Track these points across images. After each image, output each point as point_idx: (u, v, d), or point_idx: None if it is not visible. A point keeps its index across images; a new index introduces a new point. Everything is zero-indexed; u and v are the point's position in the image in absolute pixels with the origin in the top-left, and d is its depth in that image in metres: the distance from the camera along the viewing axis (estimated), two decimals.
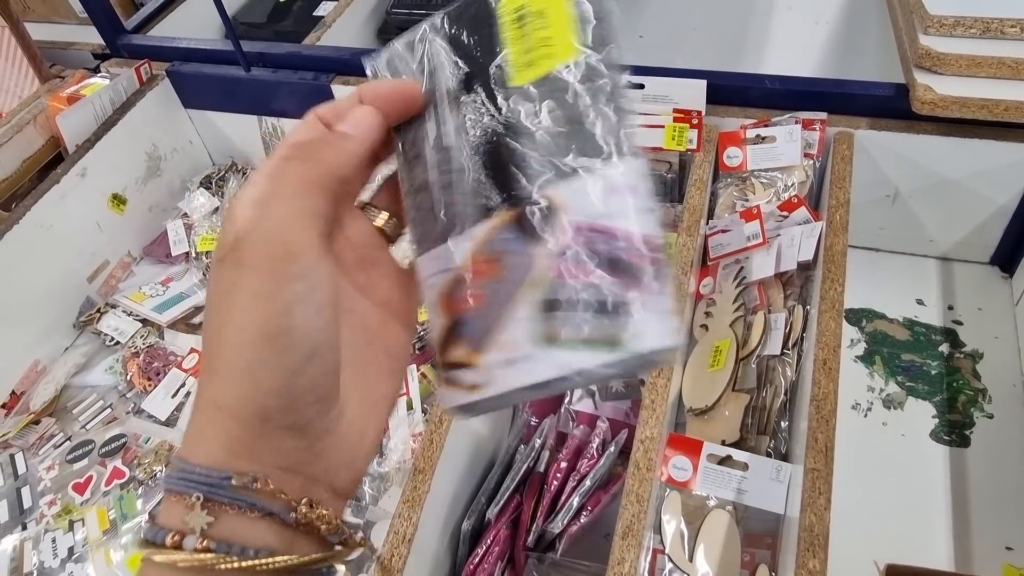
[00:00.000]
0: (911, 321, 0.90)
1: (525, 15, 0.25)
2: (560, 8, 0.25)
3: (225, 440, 0.24)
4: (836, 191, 0.80)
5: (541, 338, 0.24)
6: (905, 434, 0.81)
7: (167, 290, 1.05)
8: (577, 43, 0.24)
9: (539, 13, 0.25)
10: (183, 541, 0.23)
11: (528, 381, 0.24)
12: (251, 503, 0.24)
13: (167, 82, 1.15)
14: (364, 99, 0.28)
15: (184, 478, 0.24)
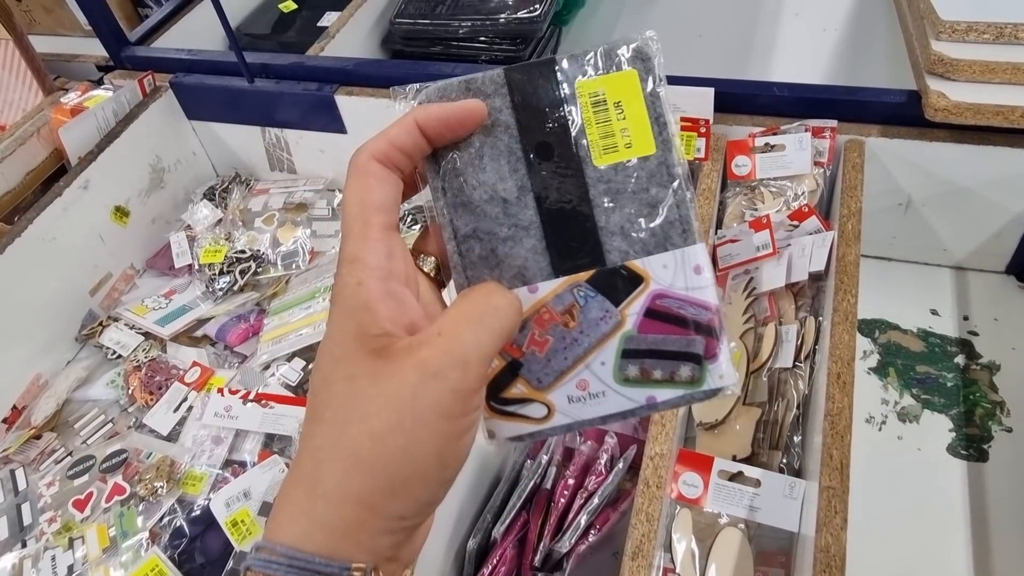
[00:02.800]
0: (925, 332, 0.88)
1: (602, 101, 0.29)
2: (639, 105, 0.28)
3: (356, 534, 0.25)
4: (848, 200, 0.78)
5: (618, 379, 0.29)
6: (921, 448, 0.79)
7: (170, 303, 1.04)
8: (655, 141, 0.29)
9: (617, 104, 0.29)
10: None
11: (599, 413, 0.29)
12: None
13: (170, 93, 1.15)
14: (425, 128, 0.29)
15: (302, 567, 0.24)
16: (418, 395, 0.25)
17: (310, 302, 0.95)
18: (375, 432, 0.25)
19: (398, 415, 0.25)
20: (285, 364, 0.91)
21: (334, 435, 0.25)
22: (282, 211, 1.12)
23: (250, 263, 1.05)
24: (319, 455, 0.26)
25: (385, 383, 0.25)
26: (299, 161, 1.19)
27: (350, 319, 0.26)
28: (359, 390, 0.25)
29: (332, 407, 0.26)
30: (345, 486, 0.25)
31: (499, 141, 0.29)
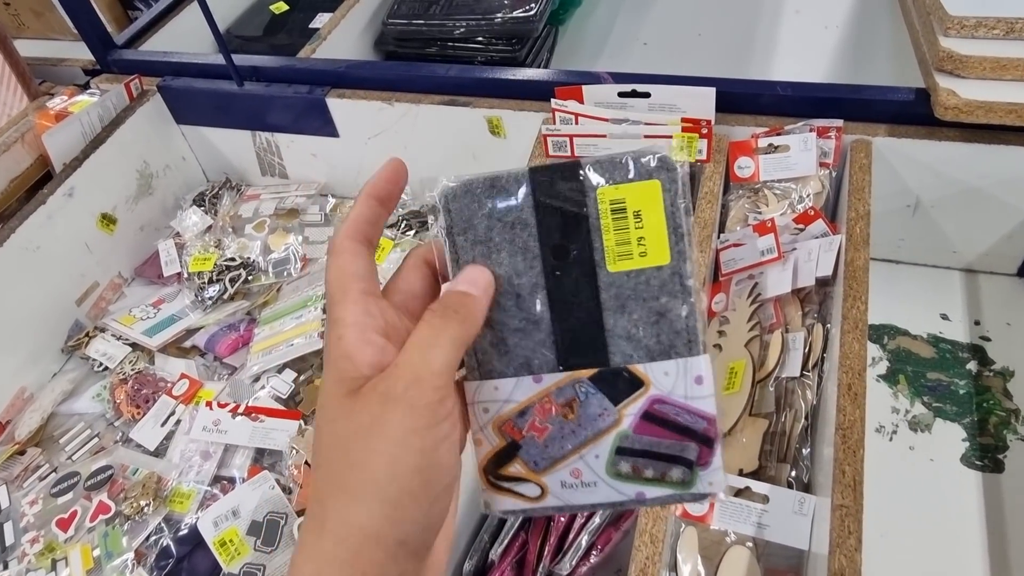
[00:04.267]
0: (936, 337, 0.85)
1: (622, 209, 0.29)
2: (659, 215, 0.29)
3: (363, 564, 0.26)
4: (855, 203, 0.75)
5: (610, 472, 0.31)
6: (934, 459, 0.76)
7: (158, 312, 1.02)
8: (670, 252, 0.29)
9: (636, 213, 0.29)
10: None
11: (589, 501, 0.31)
12: None
13: (158, 97, 1.12)
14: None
15: None
16: (384, 419, 0.27)
17: (301, 311, 0.93)
18: (357, 463, 0.27)
19: (372, 441, 0.27)
20: (276, 376, 0.88)
21: (328, 475, 0.28)
22: (273, 217, 1.10)
23: (240, 271, 1.02)
24: (320, 496, 0.28)
25: (357, 417, 0.27)
26: (291, 165, 1.16)
27: (333, 370, 0.28)
28: (338, 430, 0.28)
29: (322, 451, 0.28)
30: (346, 519, 0.27)
31: (518, 238, 0.30)
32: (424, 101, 0.98)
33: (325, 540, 0.27)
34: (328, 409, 0.28)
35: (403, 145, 1.05)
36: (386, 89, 1.01)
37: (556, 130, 0.85)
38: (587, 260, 0.30)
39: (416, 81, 0.99)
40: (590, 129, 0.84)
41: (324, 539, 0.27)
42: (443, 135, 1.01)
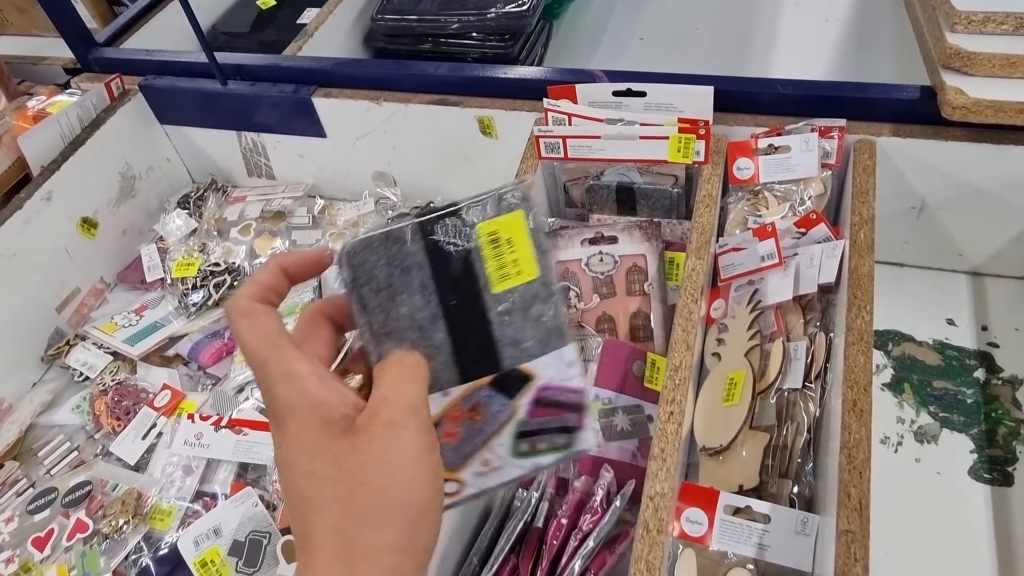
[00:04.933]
0: (942, 344, 0.82)
1: (497, 239, 0.34)
2: (525, 239, 0.34)
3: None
4: (859, 206, 0.72)
5: (514, 453, 0.36)
6: (941, 472, 0.73)
7: (141, 319, 0.99)
8: (537, 267, 0.35)
9: (508, 240, 0.34)
10: None
11: (499, 481, 0.36)
12: None
13: (140, 97, 1.09)
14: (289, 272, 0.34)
15: None
16: (397, 444, 0.30)
17: (288, 318, 0.90)
18: (380, 488, 0.30)
19: (390, 467, 0.30)
20: None
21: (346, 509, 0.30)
22: (259, 220, 1.06)
23: (225, 276, 0.99)
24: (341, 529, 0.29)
25: (366, 449, 0.30)
26: (278, 166, 1.13)
27: (312, 417, 0.30)
28: (346, 466, 0.30)
29: (329, 488, 0.30)
30: (376, 542, 0.29)
31: (414, 279, 0.34)
32: (413, 100, 0.95)
33: (359, 566, 0.29)
34: (321, 452, 0.30)
35: (391, 145, 1.02)
36: (374, 88, 0.98)
37: (549, 131, 0.82)
38: (474, 287, 0.35)
39: (405, 80, 0.96)
40: (584, 130, 0.81)
41: (357, 565, 0.29)
42: (433, 135, 0.98)
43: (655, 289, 0.80)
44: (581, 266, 0.82)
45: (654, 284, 0.80)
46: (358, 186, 1.09)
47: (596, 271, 0.81)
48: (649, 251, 0.81)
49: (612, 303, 0.80)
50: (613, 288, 0.81)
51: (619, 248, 0.81)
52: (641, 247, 0.81)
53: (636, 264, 0.81)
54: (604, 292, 0.81)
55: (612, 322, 0.80)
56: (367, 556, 0.29)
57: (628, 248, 0.81)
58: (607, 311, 0.80)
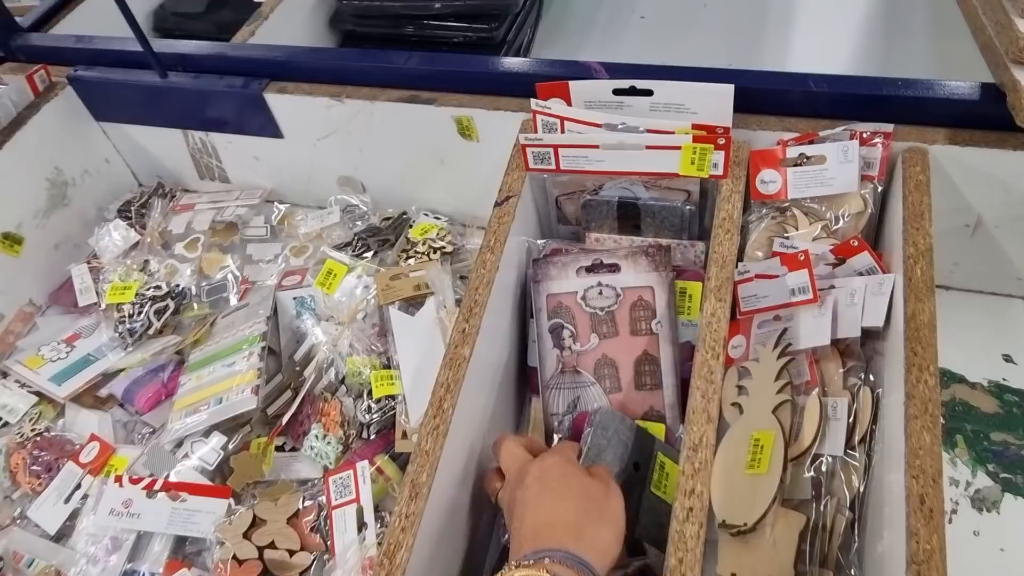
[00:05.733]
0: (999, 386, 0.70)
1: (662, 466, 0.62)
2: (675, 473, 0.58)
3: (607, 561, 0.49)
4: (913, 234, 0.60)
5: None
6: (1005, 548, 0.62)
7: (72, 351, 0.86)
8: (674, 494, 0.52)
9: (662, 466, 0.62)
10: None
11: None
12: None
13: (70, 91, 0.95)
14: None
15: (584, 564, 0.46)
16: (610, 495, 0.53)
17: (234, 356, 0.77)
18: (603, 513, 0.51)
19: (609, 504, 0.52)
20: (201, 440, 0.73)
21: (585, 511, 0.50)
22: (208, 233, 0.93)
23: (167, 302, 0.86)
24: (579, 523, 0.49)
25: (597, 487, 0.53)
26: (231, 169, 0.99)
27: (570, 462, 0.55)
28: (588, 485, 0.53)
29: (575, 489, 0.52)
30: (599, 537, 0.49)
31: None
32: (380, 97, 0.82)
33: (586, 542, 0.48)
34: (576, 476, 0.53)
35: (358, 148, 0.88)
36: (335, 82, 0.84)
37: (538, 139, 0.68)
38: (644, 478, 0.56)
39: (370, 72, 0.82)
40: (579, 138, 0.68)
41: (585, 542, 0.48)
42: (405, 137, 0.85)
43: (664, 328, 0.67)
44: (577, 300, 0.69)
45: (663, 322, 0.67)
46: (322, 192, 0.96)
47: (595, 307, 0.68)
48: (657, 283, 0.68)
49: (614, 344, 0.68)
50: (615, 327, 0.68)
51: (622, 279, 0.68)
52: (648, 278, 0.68)
53: (642, 298, 0.68)
54: (604, 331, 0.68)
55: (613, 366, 0.68)
56: (591, 539, 0.48)
57: (632, 279, 0.68)
58: (608, 353, 0.68)
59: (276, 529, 0.66)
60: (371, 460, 0.69)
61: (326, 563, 0.65)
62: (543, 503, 0.50)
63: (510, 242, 0.68)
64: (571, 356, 0.68)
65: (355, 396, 0.75)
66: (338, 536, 0.65)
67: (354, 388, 0.75)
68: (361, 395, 0.74)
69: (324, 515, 0.67)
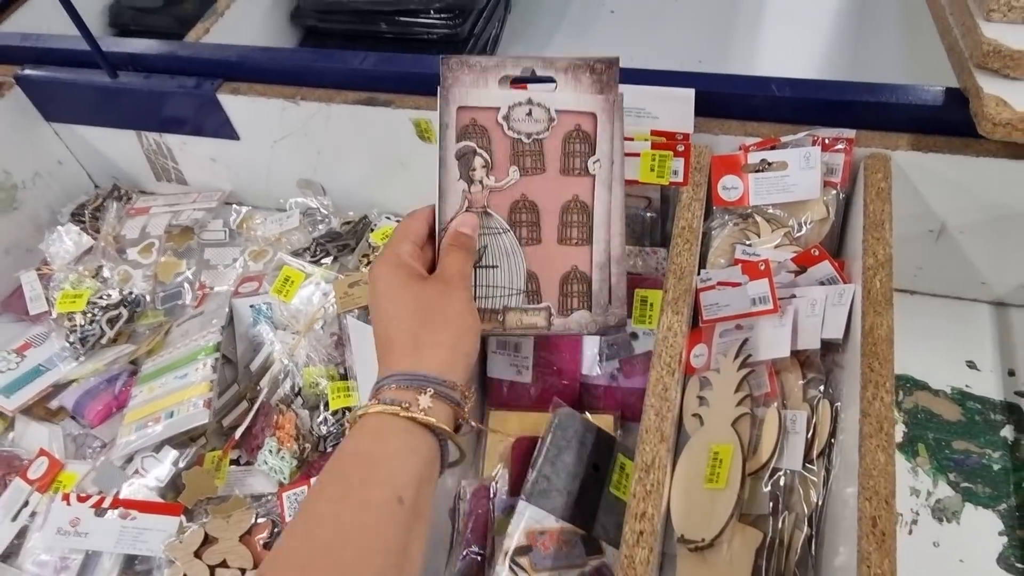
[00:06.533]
0: (962, 393, 0.70)
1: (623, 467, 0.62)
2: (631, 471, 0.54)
3: (454, 367, 0.46)
4: (873, 244, 0.59)
5: None
6: (964, 560, 0.61)
7: (22, 360, 0.83)
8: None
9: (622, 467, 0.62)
10: (411, 407, 0.43)
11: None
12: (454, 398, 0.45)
13: (18, 91, 0.92)
14: None
15: (425, 380, 0.45)
16: (449, 294, 0.48)
17: (187, 368, 0.75)
18: (439, 313, 0.47)
19: (445, 305, 0.48)
20: (152, 457, 0.71)
21: (419, 320, 0.47)
22: (164, 238, 0.91)
23: (120, 310, 0.83)
24: (414, 331, 0.46)
25: (429, 289, 0.48)
26: (188, 171, 0.97)
27: (402, 268, 0.49)
28: (419, 294, 0.48)
29: (406, 307, 0.47)
30: (437, 341, 0.46)
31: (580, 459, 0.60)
32: (336, 99, 0.79)
33: (424, 350, 0.46)
34: (405, 287, 0.48)
35: (316, 150, 0.86)
36: (289, 83, 0.82)
37: None
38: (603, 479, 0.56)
39: (325, 73, 0.80)
40: None
41: (423, 350, 0.46)
42: (363, 139, 0.83)
43: (603, 170, 0.53)
44: (498, 120, 0.53)
45: (602, 162, 0.53)
46: (282, 193, 0.93)
47: (520, 131, 0.53)
48: (601, 108, 0.53)
49: (538, 183, 0.53)
50: (542, 160, 0.53)
51: (558, 98, 0.53)
52: (590, 101, 0.53)
53: (580, 127, 0.53)
54: (528, 165, 0.53)
55: (534, 211, 0.54)
56: (429, 347, 0.46)
57: (572, 99, 0.53)
58: (529, 195, 0.53)
59: (228, 547, 0.65)
60: None
61: None
62: (378, 319, 0.47)
63: None
64: (481, 193, 0.53)
65: (311, 407, 0.73)
66: None
67: (310, 399, 0.73)
68: (317, 406, 0.73)
69: (278, 531, 0.66)
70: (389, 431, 0.42)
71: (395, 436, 0.42)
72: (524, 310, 0.53)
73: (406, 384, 0.44)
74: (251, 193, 0.96)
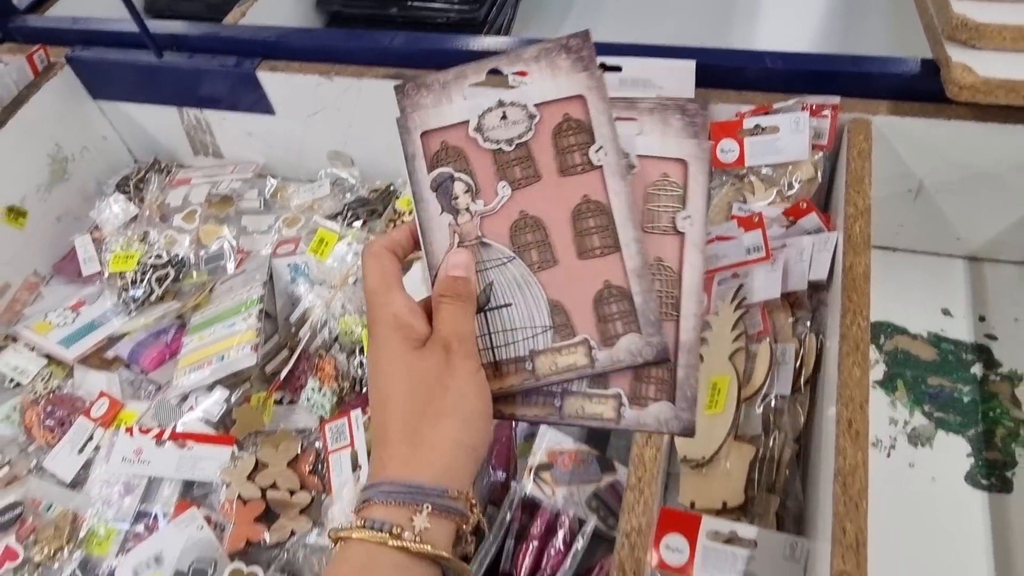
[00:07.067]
0: (937, 336, 0.77)
1: None
2: None
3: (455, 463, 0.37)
4: (854, 196, 0.66)
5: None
6: (936, 477, 0.69)
7: (78, 317, 0.91)
8: None
9: None
10: (403, 533, 0.35)
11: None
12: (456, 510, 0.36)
13: (68, 71, 0.99)
14: None
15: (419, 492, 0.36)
16: (451, 364, 0.38)
17: (234, 318, 0.83)
18: (438, 395, 0.37)
19: (445, 380, 0.37)
20: (205, 395, 0.78)
21: (415, 405, 0.37)
22: (205, 205, 0.98)
23: (168, 270, 0.91)
24: (410, 421, 0.37)
25: (428, 362, 0.38)
26: (225, 145, 1.04)
27: (395, 332, 0.38)
28: (415, 373, 0.38)
29: (400, 386, 0.38)
30: (439, 432, 0.37)
31: None
32: (367, 75, 0.87)
33: (422, 449, 0.36)
34: (397, 358, 0.38)
35: (347, 123, 0.93)
36: (324, 60, 0.89)
37: None
38: None
39: (357, 52, 0.87)
40: None
41: (421, 449, 0.36)
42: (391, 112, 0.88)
43: (610, 155, 0.41)
44: (469, 134, 0.42)
45: (607, 148, 0.41)
46: (313, 165, 1.01)
47: (498, 139, 0.42)
48: (588, 87, 0.42)
49: (535, 194, 0.42)
50: (533, 166, 0.42)
51: (533, 92, 0.42)
52: (573, 83, 0.42)
53: (568, 116, 0.42)
54: (518, 176, 0.42)
55: (540, 228, 0.42)
56: (431, 443, 0.37)
57: (550, 89, 0.42)
58: (528, 210, 0.42)
59: (277, 472, 0.72)
60: (364, 410, 0.75)
61: (324, 501, 0.71)
62: (373, 395, 0.39)
63: None
64: (471, 222, 0.42)
65: (347, 353, 0.80)
66: (335, 476, 0.71)
67: (347, 346, 0.81)
68: (353, 351, 0.80)
69: (321, 459, 0.73)
70: (376, 567, 0.35)
71: (383, 573, 0.35)
72: (557, 350, 0.40)
73: (398, 499, 0.35)
74: (284, 165, 1.03)
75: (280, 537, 0.69)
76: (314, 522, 0.70)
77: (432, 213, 0.42)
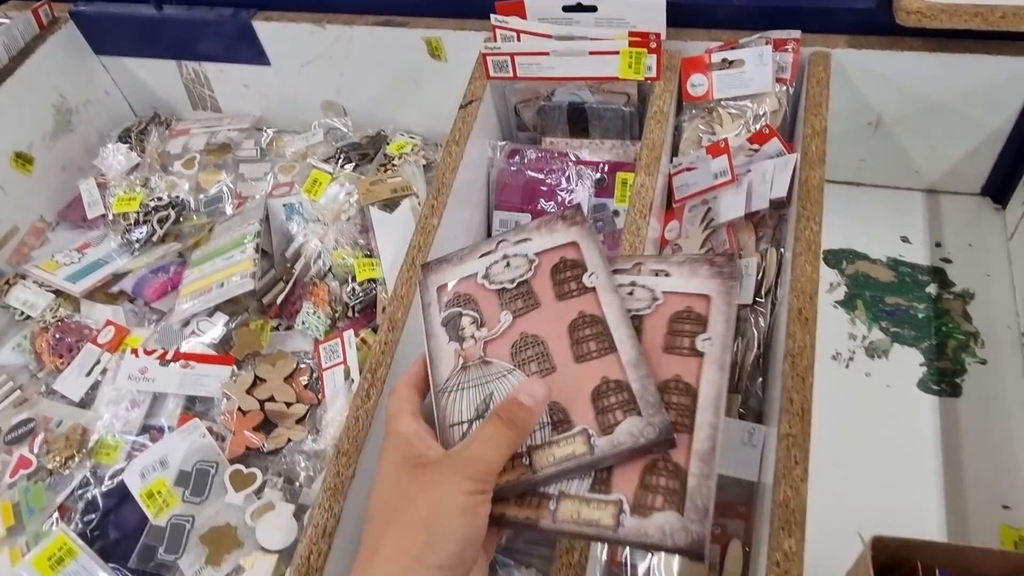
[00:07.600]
0: (896, 261, 0.82)
1: None
2: None
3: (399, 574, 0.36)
4: (811, 119, 0.71)
5: None
6: (891, 385, 0.74)
7: (83, 257, 0.95)
8: None
9: None
10: None
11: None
12: None
13: (72, 25, 1.03)
14: None
15: None
16: (438, 479, 0.38)
17: (233, 251, 0.87)
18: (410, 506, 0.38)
19: (425, 492, 0.38)
20: (206, 320, 0.83)
21: (386, 517, 0.38)
22: (203, 153, 1.03)
23: (169, 211, 0.95)
24: (375, 532, 0.38)
25: (419, 479, 0.39)
26: (222, 98, 1.09)
27: (401, 453, 0.40)
28: (403, 488, 0.39)
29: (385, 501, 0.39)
30: (396, 544, 0.36)
31: None
32: (358, 22, 0.91)
33: (377, 561, 0.36)
34: (391, 470, 0.40)
35: (339, 72, 0.98)
36: (316, 9, 0.93)
37: (497, 48, 0.78)
38: None
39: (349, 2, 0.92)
40: (533, 46, 0.78)
41: (376, 561, 0.36)
42: (381, 61, 0.94)
43: (601, 277, 0.46)
44: (477, 281, 0.49)
45: (598, 274, 0.46)
46: (307, 116, 1.05)
47: (502, 280, 0.48)
48: (582, 236, 0.48)
49: (535, 317, 0.46)
50: (533, 297, 0.47)
51: (532, 247, 0.49)
52: (568, 234, 0.49)
53: (564, 258, 0.48)
54: (519, 306, 0.47)
55: (539, 343, 0.45)
56: (386, 555, 0.36)
57: (547, 241, 0.49)
58: (528, 330, 0.45)
59: (275, 386, 0.77)
60: (356, 332, 0.80)
61: (318, 413, 0.75)
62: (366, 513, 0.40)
63: (473, 141, 0.78)
64: (475, 346, 0.47)
65: (341, 282, 0.85)
66: (328, 387, 0.75)
67: (340, 275, 0.85)
68: (346, 280, 0.85)
69: (316, 377, 0.78)
70: None
71: None
72: (555, 442, 0.41)
73: None
74: (279, 117, 1.08)
75: (277, 444, 0.74)
76: (309, 431, 0.75)
77: (440, 343, 0.47)
